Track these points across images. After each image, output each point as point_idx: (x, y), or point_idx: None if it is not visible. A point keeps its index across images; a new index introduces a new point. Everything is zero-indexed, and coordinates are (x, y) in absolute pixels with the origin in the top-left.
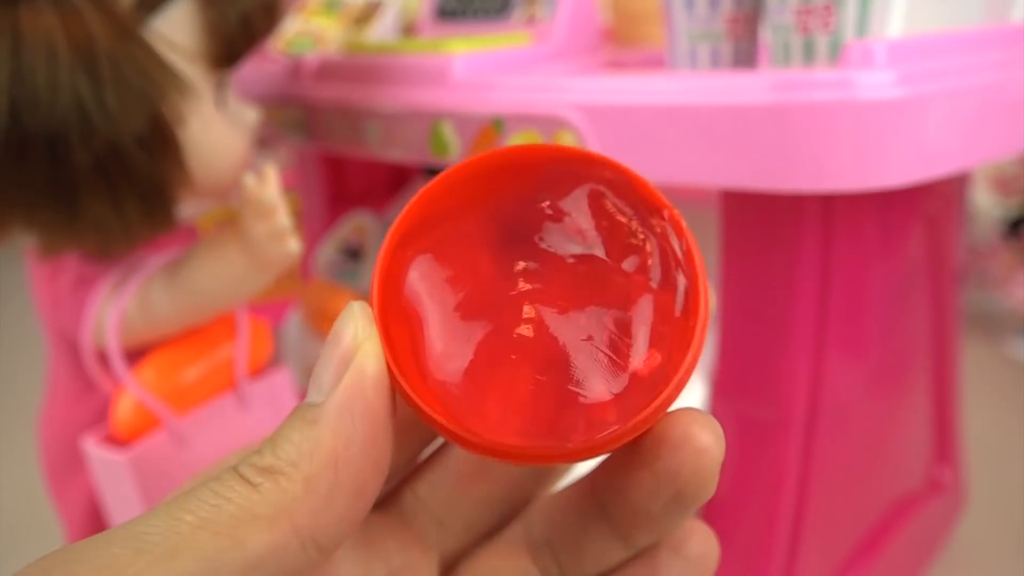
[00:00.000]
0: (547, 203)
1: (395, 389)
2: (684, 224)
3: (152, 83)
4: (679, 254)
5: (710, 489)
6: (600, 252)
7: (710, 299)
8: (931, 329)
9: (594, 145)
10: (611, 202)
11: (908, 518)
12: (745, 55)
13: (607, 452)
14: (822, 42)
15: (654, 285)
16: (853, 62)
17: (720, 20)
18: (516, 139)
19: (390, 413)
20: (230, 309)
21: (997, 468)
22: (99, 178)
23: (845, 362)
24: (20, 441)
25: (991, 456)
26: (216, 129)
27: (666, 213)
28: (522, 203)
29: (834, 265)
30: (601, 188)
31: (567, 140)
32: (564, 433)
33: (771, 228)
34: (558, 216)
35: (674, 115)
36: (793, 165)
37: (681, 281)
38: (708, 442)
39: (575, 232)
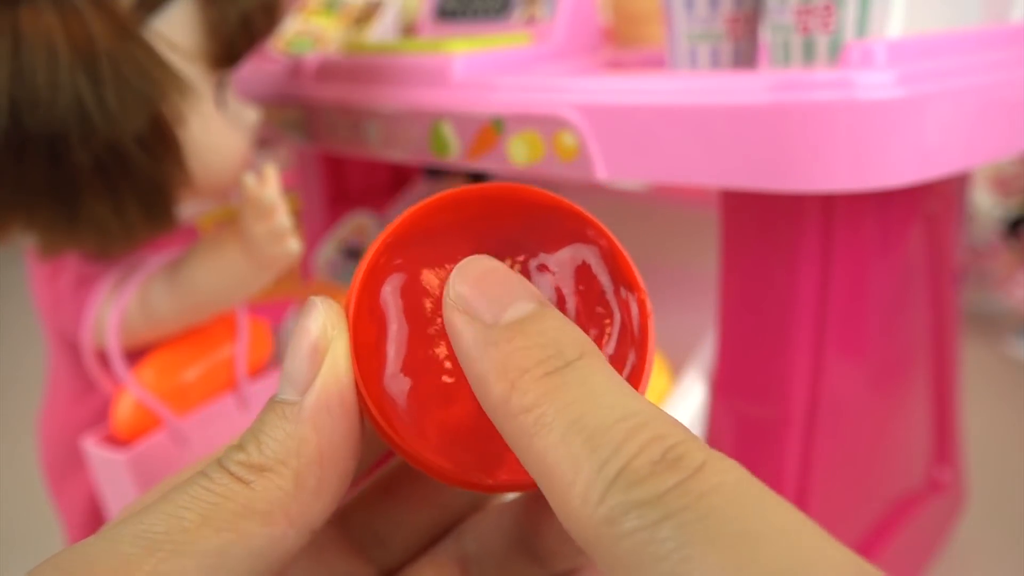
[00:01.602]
0: (534, 251)
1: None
2: (649, 307)
3: (152, 83)
4: (636, 333)
5: None
6: (569, 310)
7: (649, 380)
8: (931, 329)
9: (594, 145)
10: (594, 267)
11: (908, 518)
12: (745, 55)
13: (526, 491)
14: (822, 42)
15: (607, 353)
16: (853, 62)
17: (720, 20)
18: (516, 139)
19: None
20: (230, 309)
21: (997, 468)
22: (99, 178)
23: (845, 362)
24: (20, 441)
25: (991, 456)
26: (216, 129)
27: (636, 294)
28: (509, 243)
29: (834, 265)
30: (588, 252)
31: (567, 140)
32: (492, 465)
33: (771, 228)
34: (541, 266)
35: (674, 115)
36: (793, 165)
37: (631, 358)
38: None
39: (552, 286)
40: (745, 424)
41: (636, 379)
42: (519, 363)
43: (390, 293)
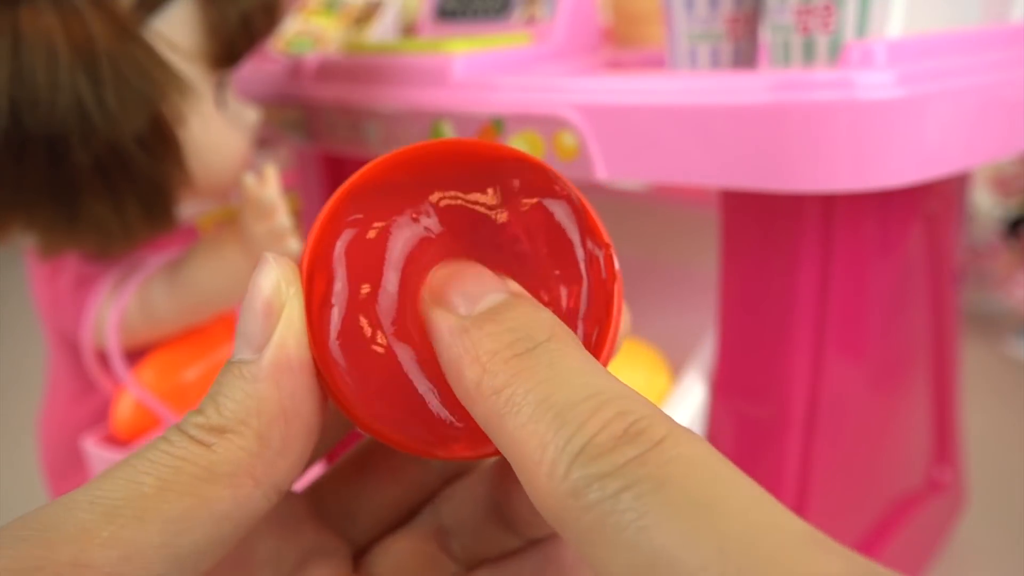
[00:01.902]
0: (498, 204)
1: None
2: (617, 264)
3: (152, 83)
4: (604, 290)
5: None
6: (533, 265)
7: (617, 343)
8: (931, 329)
9: (594, 145)
10: (562, 222)
11: (908, 518)
12: (745, 55)
13: (477, 458)
14: (822, 42)
15: (576, 311)
16: (853, 62)
17: (720, 20)
18: (516, 139)
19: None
20: (230, 309)
21: (997, 468)
22: (99, 178)
23: (845, 362)
24: (20, 441)
25: (991, 456)
26: (216, 129)
27: (604, 250)
28: (471, 197)
29: (834, 265)
30: (556, 206)
31: (567, 140)
32: (444, 436)
33: (771, 228)
34: (505, 222)
35: (674, 115)
36: (793, 165)
37: (600, 317)
38: None
39: (512, 237)
40: (745, 424)
41: (603, 338)
42: (490, 346)
43: (341, 249)
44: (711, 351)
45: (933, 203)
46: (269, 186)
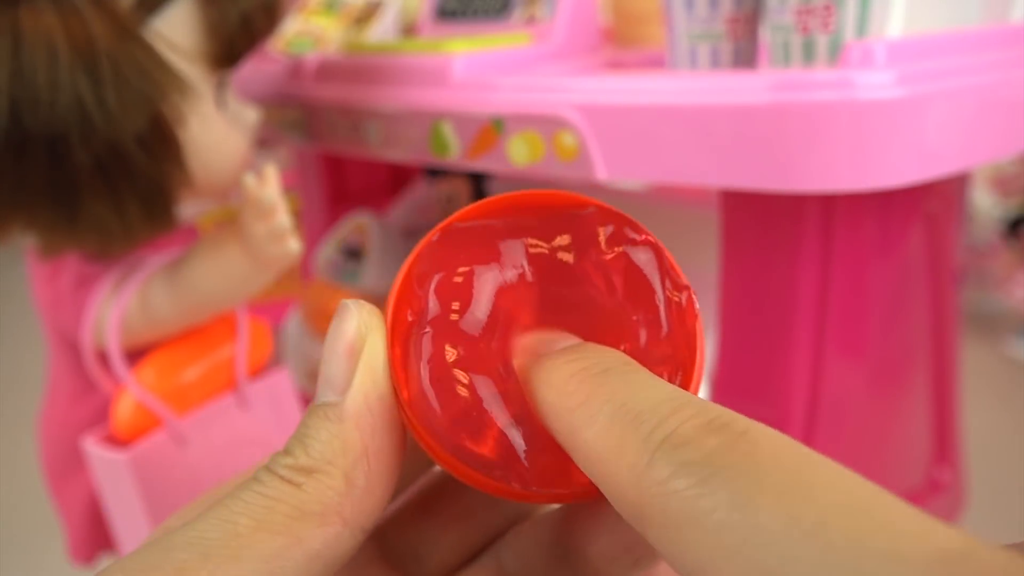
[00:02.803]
0: (580, 252)
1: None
2: (697, 307)
3: (152, 83)
4: (688, 333)
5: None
6: (613, 311)
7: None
8: (931, 329)
9: (594, 145)
10: (644, 268)
11: None
12: (745, 55)
13: (562, 502)
14: (822, 42)
15: (654, 355)
16: (853, 62)
17: (720, 20)
18: (516, 139)
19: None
20: (230, 309)
21: (997, 468)
22: (99, 178)
23: (845, 362)
24: (20, 441)
25: (991, 456)
26: (216, 129)
27: (685, 293)
28: (553, 243)
29: (834, 265)
30: (638, 253)
31: (567, 140)
32: (528, 474)
33: (771, 228)
34: (586, 266)
35: (674, 115)
36: (793, 165)
37: (682, 358)
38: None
39: (592, 284)
40: None
41: (687, 381)
42: (566, 371)
43: (428, 293)
44: (711, 351)
45: (933, 203)
46: (269, 186)
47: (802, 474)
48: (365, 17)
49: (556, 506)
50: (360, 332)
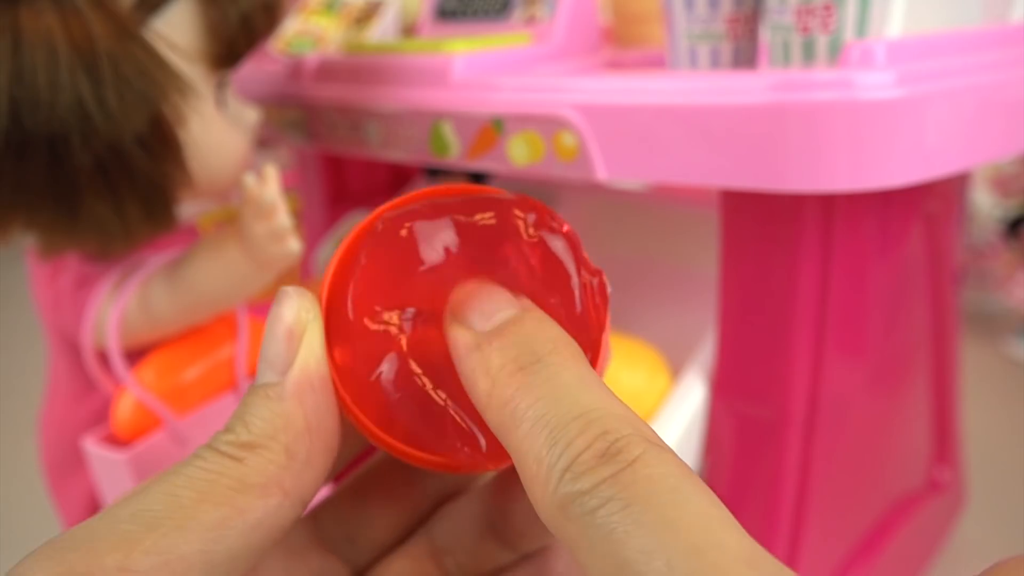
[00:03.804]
0: (504, 236)
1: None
2: (609, 289)
3: (153, 83)
4: (599, 314)
5: None
6: (534, 293)
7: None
8: (931, 329)
9: (594, 145)
10: (559, 254)
11: (908, 518)
12: (745, 55)
13: (488, 470)
14: (822, 42)
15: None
16: (853, 62)
17: (720, 20)
18: (516, 139)
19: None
20: (230, 309)
21: (997, 468)
22: (99, 178)
23: (845, 362)
24: (20, 441)
25: (991, 456)
26: (216, 129)
27: (597, 277)
28: (479, 221)
29: (834, 265)
30: (553, 240)
31: (567, 140)
32: (450, 447)
33: (771, 228)
34: (510, 250)
35: (674, 115)
36: (793, 165)
37: (592, 335)
38: None
39: (514, 268)
40: (745, 424)
41: (595, 358)
42: (498, 361)
43: (359, 276)
44: (711, 351)
45: (933, 203)
46: (269, 186)
47: (671, 510)
48: (365, 17)
49: (485, 479)
50: (300, 316)
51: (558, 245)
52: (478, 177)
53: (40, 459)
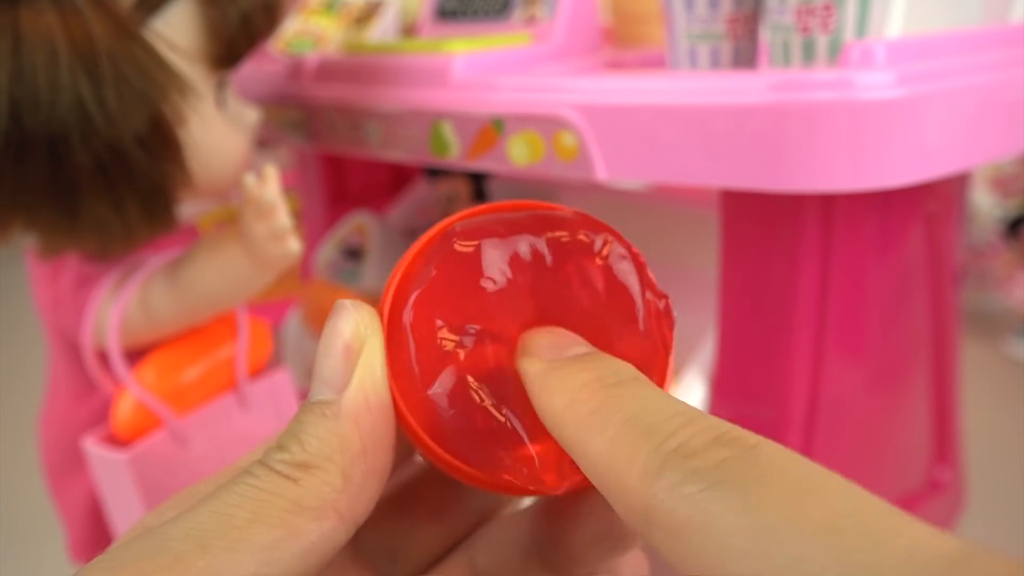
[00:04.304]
0: (569, 258)
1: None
2: (674, 313)
3: (153, 83)
4: (665, 337)
5: (639, 541)
6: (601, 312)
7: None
8: (931, 329)
9: (594, 145)
10: (621, 275)
11: None
12: (745, 55)
13: (551, 494)
14: (822, 42)
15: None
16: (853, 62)
17: (720, 20)
18: (516, 139)
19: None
20: (230, 309)
21: (997, 468)
22: (100, 178)
23: (845, 362)
24: (20, 441)
25: (991, 456)
26: (217, 129)
27: (663, 300)
28: (544, 241)
29: (834, 265)
30: (618, 260)
31: (567, 140)
32: (508, 467)
33: (771, 228)
34: (573, 273)
35: (674, 115)
36: (793, 165)
37: (659, 358)
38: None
39: (578, 291)
40: (745, 424)
41: (660, 380)
42: (580, 379)
43: (420, 295)
44: (711, 351)
45: (933, 203)
46: (269, 186)
47: (811, 482)
48: (365, 17)
49: (529, 503)
50: (358, 332)
51: (625, 268)
52: (478, 178)
53: (40, 459)
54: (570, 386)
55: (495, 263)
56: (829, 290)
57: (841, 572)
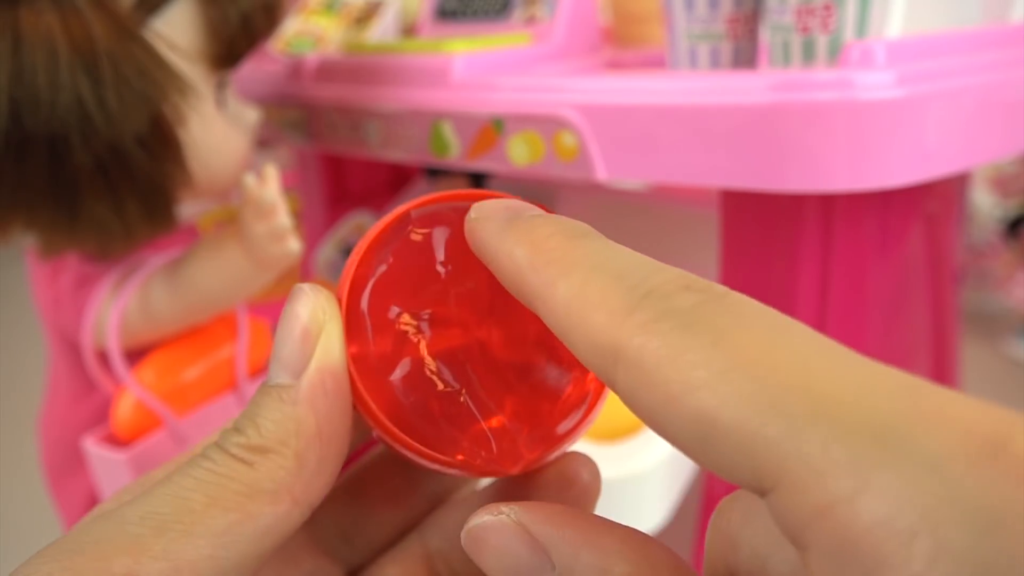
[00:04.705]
0: None
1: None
2: None
3: (153, 83)
4: None
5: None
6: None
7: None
8: (931, 329)
9: (594, 145)
10: None
11: None
12: (745, 55)
13: (496, 476)
14: (822, 42)
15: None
16: (853, 62)
17: (720, 20)
18: (516, 139)
19: (350, 389)
20: (230, 309)
21: None
22: (100, 178)
23: None
24: (20, 441)
25: None
26: (217, 129)
27: None
28: None
29: (834, 265)
30: None
31: (567, 140)
32: (466, 450)
33: (771, 228)
34: None
35: (674, 115)
36: (792, 165)
37: None
38: (588, 479)
39: None
40: None
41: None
42: (544, 231)
43: (377, 278)
44: None
45: (933, 203)
46: (269, 186)
47: (780, 324)
48: (365, 17)
49: (485, 485)
50: (316, 316)
51: None
52: (478, 177)
53: (40, 459)
54: (534, 237)
55: (448, 250)
56: (829, 290)
57: (804, 406)
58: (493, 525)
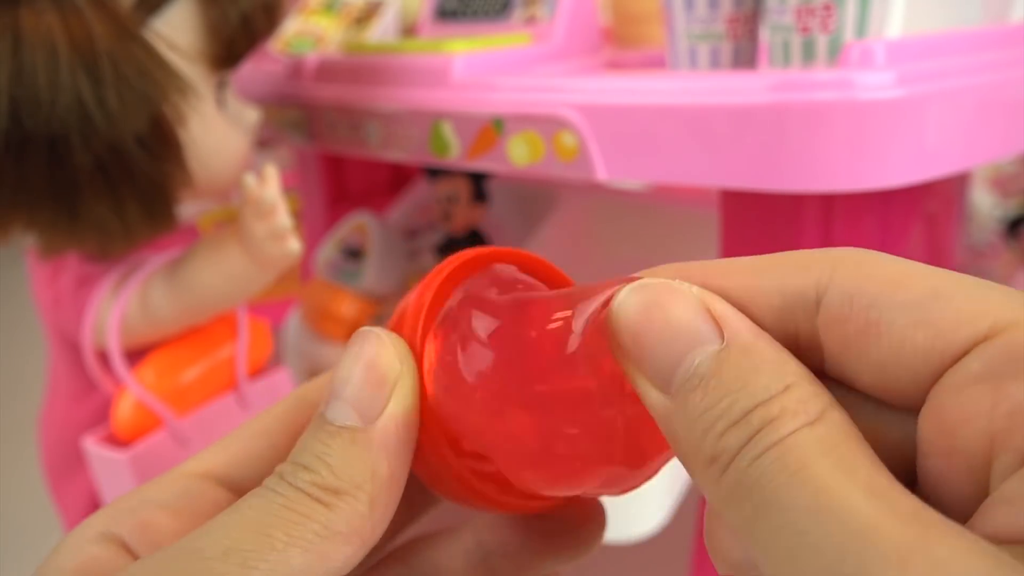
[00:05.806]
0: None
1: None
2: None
3: (153, 83)
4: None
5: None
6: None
7: None
8: None
9: (594, 145)
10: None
11: None
12: (745, 55)
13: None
14: (822, 42)
15: None
16: (853, 62)
17: (720, 20)
18: (516, 139)
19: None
20: (230, 309)
21: None
22: (100, 178)
23: None
24: (20, 441)
25: None
26: (217, 129)
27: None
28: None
29: None
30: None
31: (567, 140)
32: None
33: (771, 228)
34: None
35: (674, 115)
36: (792, 165)
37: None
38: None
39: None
40: None
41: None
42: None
43: (445, 322)
44: None
45: (933, 203)
46: (269, 186)
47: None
48: (365, 17)
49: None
50: (391, 363)
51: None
52: (478, 177)
53: (40, 459)
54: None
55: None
56: None
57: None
58: (682, 292)
